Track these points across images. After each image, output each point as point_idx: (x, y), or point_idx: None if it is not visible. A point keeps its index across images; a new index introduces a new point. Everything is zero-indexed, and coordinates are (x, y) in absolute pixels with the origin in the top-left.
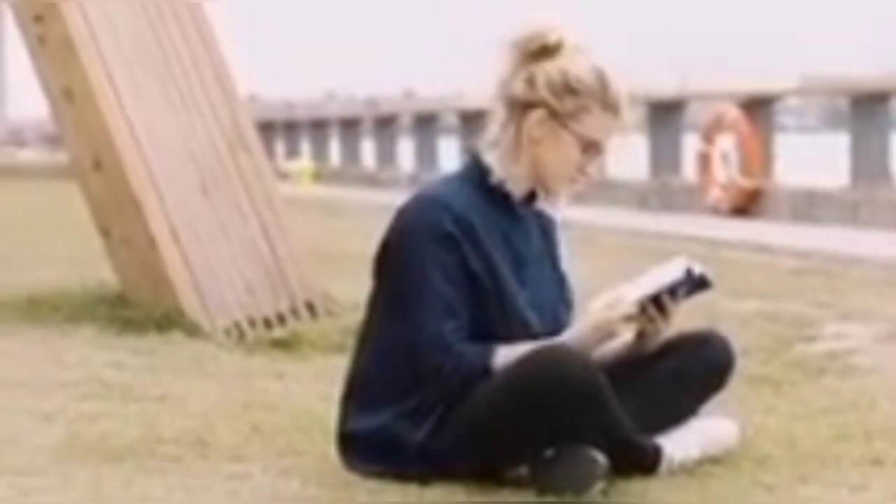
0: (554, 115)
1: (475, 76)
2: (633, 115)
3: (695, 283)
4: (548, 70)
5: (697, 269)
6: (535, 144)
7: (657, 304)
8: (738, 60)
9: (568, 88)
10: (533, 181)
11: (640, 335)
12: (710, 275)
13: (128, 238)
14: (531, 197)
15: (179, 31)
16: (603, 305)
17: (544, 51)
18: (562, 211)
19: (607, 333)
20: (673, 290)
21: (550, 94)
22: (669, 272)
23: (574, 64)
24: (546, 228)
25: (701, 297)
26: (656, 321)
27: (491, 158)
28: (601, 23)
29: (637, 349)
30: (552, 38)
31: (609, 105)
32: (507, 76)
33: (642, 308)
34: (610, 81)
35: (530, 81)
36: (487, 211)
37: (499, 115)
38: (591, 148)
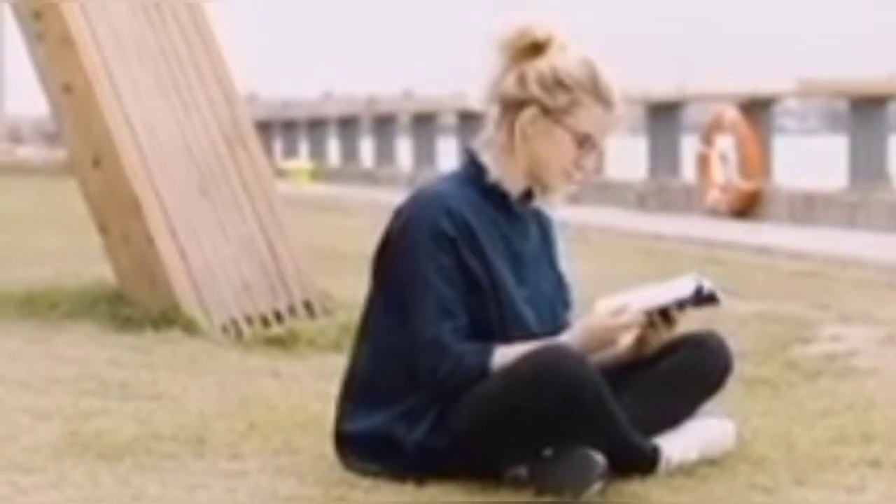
0: (546, 111)
1: (475, 76)
2: (626, 107)
3: (703, 299)
4: (538, 67)
5: (707, 287)
6: (528, 142)
7: (663, 314)
8: (737, 64)
9: (559, 84)
10: (529, 179)
11: (641, 340)
12: (720, 292)
13: (126, 235)
14: (528, 196)
15: (179, 30)
16: (607, 312)
17: (533, 48)
18: (559, 210)
19: (608, 339)
20: (680, 305)
21: (541, 90)
22: (679, 288)
23: (564, 59)
24: (544, 227)
25: None
26: (659, 330)
27: (487, 158)
28: (598, 24)
29: (636, 352)
30: (540, 35)
31: (601, 97)
32: (498, 76)
33: (647, 318)
34: (600, 74)
35: (521, 80)
36: (485, 210)
37: (493, 114)
38: (586, 142)
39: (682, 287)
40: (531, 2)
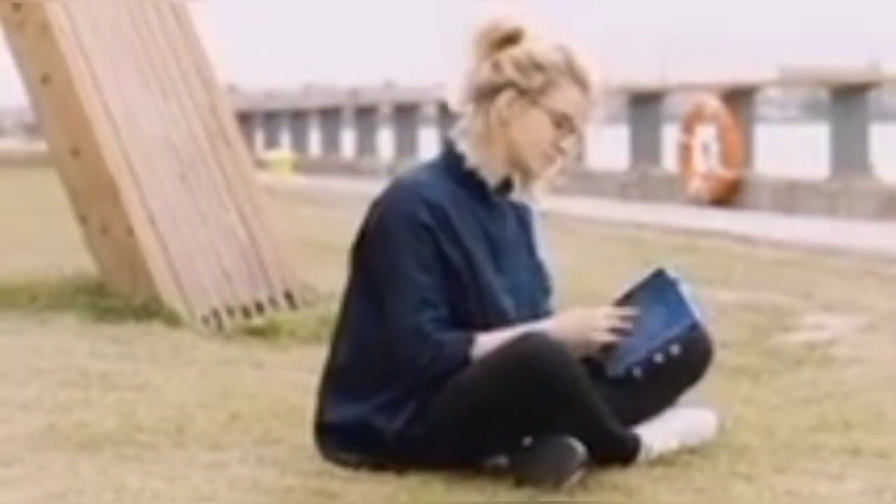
0: (522, 92)
1: (452, 69)
2: (603, 91)
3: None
4: (513, 53)
5: (668, 271)
6: (506, 126)
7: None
8: (719, 57)
9: (534, 65)
10: (509, 165)
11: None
12: (680, 275)
13: (106, 226)
14: (507, 186)
15: (159, 21)
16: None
17: (507, 39)
18: (539, 201)
19: (588, 332)
20: (669, 343)
21: (517, 72)
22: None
23: (539, 44)
24: (522, 216)
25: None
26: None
27: (464, 146)
28: (579, 22)
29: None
30: (513, 27)
31: (576, 77)
32: (474, 67)
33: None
34: (575, 55)
35: (496, 66)
36: (463, 199)
37: (469, 104)
38: (564, 123)
39: (643, 273)
40: None
